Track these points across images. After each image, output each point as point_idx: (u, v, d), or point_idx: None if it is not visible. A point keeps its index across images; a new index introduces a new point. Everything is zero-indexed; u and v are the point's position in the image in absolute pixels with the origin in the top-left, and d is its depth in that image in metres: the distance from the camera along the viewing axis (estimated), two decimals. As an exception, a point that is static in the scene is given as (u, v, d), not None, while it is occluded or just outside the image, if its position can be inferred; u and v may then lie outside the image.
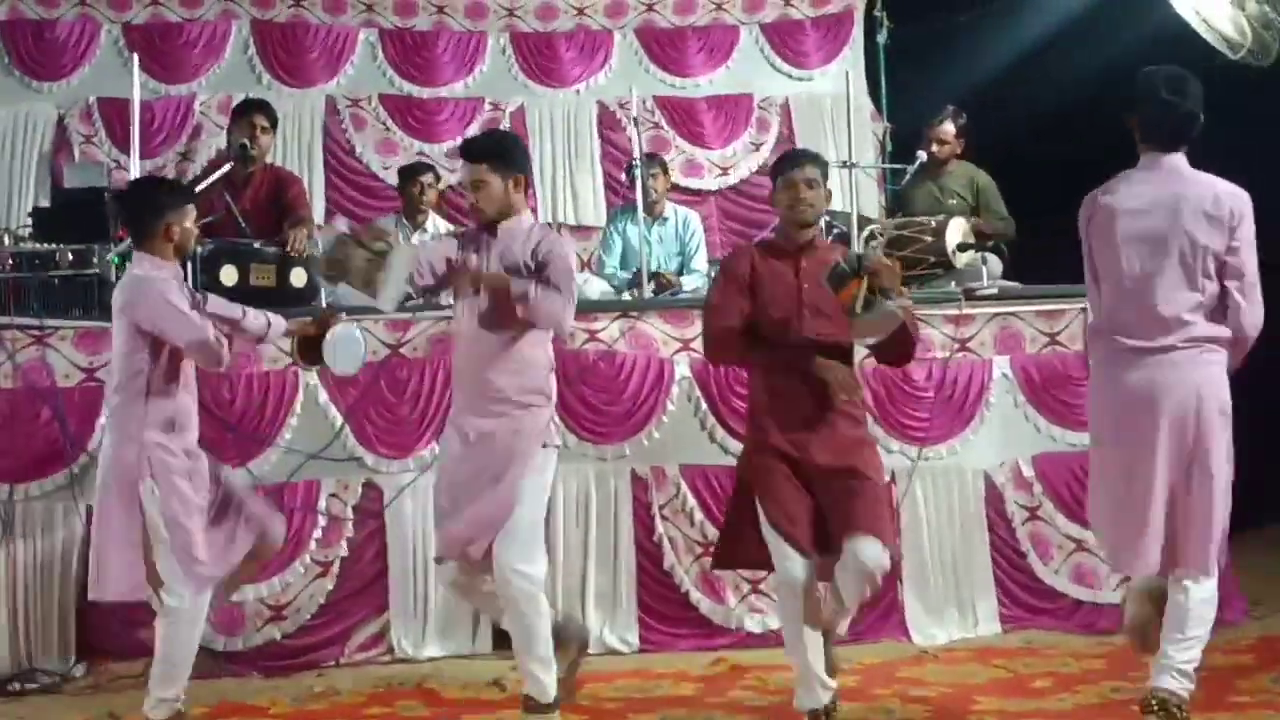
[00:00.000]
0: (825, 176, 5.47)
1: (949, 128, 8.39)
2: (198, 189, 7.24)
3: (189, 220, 5.51)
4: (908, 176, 8.35)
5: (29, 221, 7.39)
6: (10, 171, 9.31)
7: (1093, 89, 9.03)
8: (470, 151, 5.64)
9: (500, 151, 5.60)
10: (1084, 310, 6.99)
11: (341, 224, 5.39)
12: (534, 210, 9.43)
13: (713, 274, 7.11)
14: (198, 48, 9.79)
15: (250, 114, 7.78)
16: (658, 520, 6.86)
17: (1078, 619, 6.97)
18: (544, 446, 5.49)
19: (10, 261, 6.80)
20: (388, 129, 9.81)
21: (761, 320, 5.35)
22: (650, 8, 10.31)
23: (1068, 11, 9.83)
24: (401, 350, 6.81)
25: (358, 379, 6.61)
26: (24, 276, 6.76)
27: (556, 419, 5.72)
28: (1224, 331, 4.88)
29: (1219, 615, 6.98)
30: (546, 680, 5.32)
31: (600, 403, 6.88)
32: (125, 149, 8.52)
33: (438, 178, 8.78)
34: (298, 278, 6.96)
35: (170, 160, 9.44)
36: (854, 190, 7.77)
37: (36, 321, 6.66)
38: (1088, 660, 6.39)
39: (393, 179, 9.25)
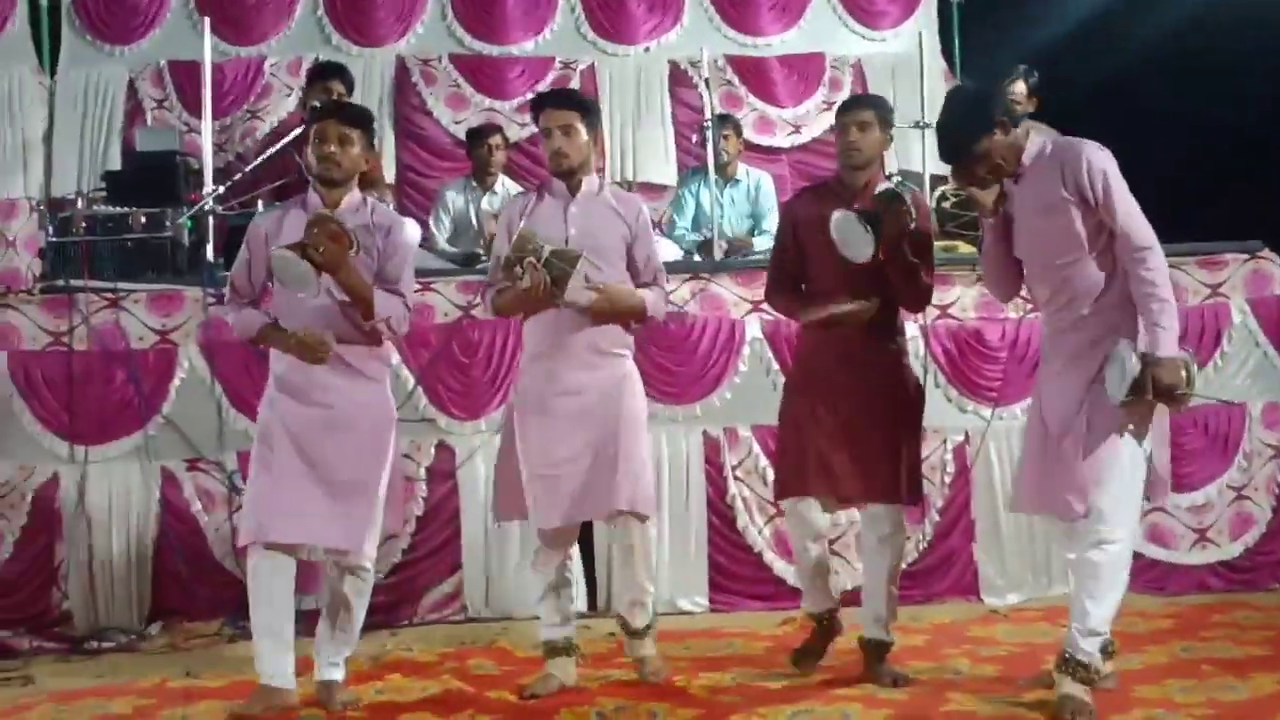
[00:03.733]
0: (885, 122, 5.55)
1: (1020, 87, 8.31)
2: (268, 152, 7.31)
3: (313, 144, 5.44)
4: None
5: (102, 185, 7.45)
6: (83, 135, 9.38)
7: (1171, 45, 8.93)
8: (560, 99, 5.71)
9: (591, 106, 5.70)
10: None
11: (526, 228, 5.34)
12: (602, 170, 9.48)
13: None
14: (267, 9, 9.82)
15: (327, 79, 7.81)
16: (730, 481, 6.86)
17: (1150, 579, 6.90)
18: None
19: (84, 225, 6.88)
20: (458, 85, 9.81)
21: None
22: (722, -33, 10.25)
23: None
24: (473, 312, 6.83)
25: (430, 340, 6.67)
26: (98, 240, 6.83)
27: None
28: None
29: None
30: None
31: (672, 364, 6.88)
32: (195, 111, 8.59)
33: (506, 140, 8.76)
34: (366, 240, 6.97)
35: (239, 120, 9.48)
36: (925, 151, 7.69)
37: (110, 285, 6.74)
38: (1156, 620, 6.36)
39: (462, 134, 9.25)
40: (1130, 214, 4.81)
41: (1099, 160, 4.85)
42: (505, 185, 8.62)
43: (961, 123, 5.01)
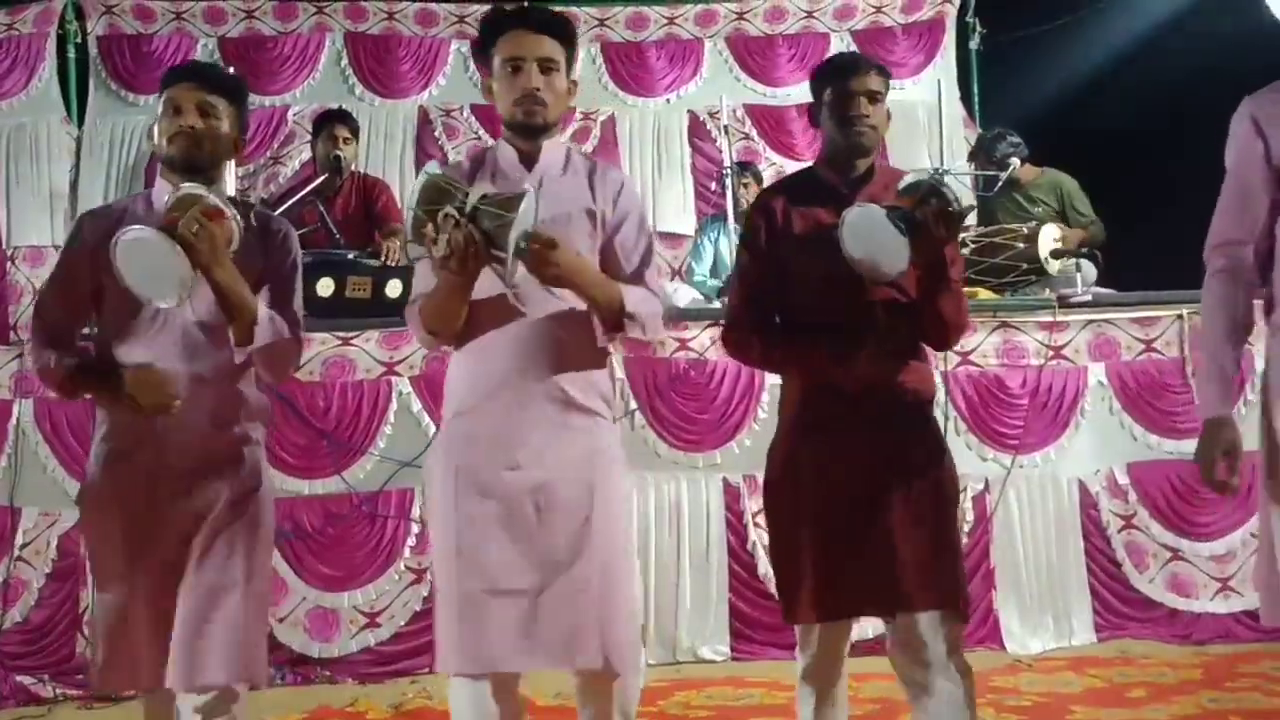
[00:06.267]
0: (887, 91, 4.19)
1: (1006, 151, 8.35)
2: (289, 202, 7.33)
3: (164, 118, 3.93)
4: (999, 185, 8.31)
5: (128, 233, 7.49)
6: (108, 183, 9.47)
7: (1188, 92, 8.94)
8: (544, 20, 3.83)
9: (575, 40, 3.92)
10: (1180, 317, 6.96)
11: (434, 166, 3.57)
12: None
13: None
14: (291, 60, 9.95)
15: (332, 125, 7.85)
16: (750, 528, 6.84)
17: (1173, 628, 6.87)
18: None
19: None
20: (479, 136, 9.88)
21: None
22: (741, 16, 10.35)
23: (1160, 14, 9.75)
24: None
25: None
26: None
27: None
28: None
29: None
30: None
31: (691, 411, 6.88)
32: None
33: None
34: (393, 289, 6.96)
35: (261, 167, 9.59)
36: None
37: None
38: (1184, 670, 6.32)
39: (484, 187, 9.35)
40: None
41: None
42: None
43: None
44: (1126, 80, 9.96)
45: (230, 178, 7.37)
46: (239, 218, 3.72)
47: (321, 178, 7.57)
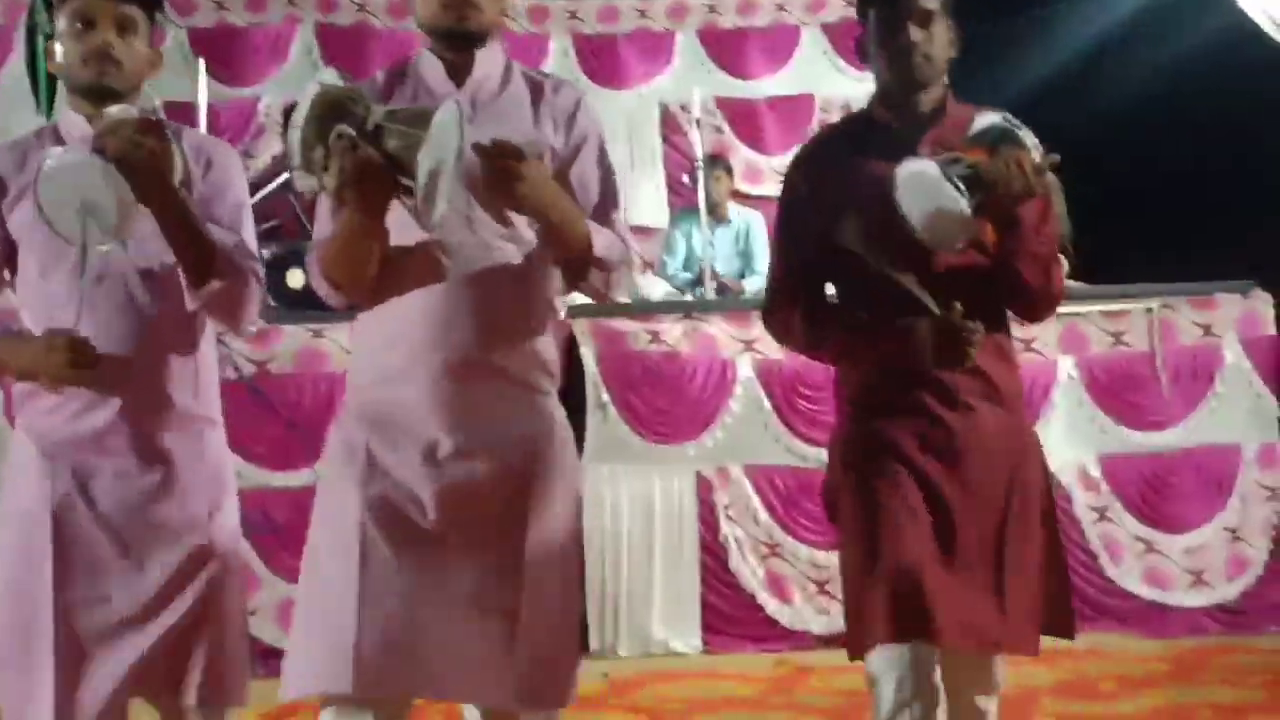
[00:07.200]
0: (948, 9, 3.46)
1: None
2: (260, 194, 7.29)
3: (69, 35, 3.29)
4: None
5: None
6: (78, 175, 9.42)
7: (1157, 89, 8.98)
8: None
9: None
10: (1149, 310, 6.97)
11: (328, 75, 3.00)
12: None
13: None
14: (262, 51, 9.89)
15: None
16: (722, 521, 6.84)
17: (1144, 621, 6.90)
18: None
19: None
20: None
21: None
22: (712, 9, 10.35)
23: (1132, 10, 9.77)
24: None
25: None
26: (93, 279, 6.80)
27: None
28: None
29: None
30: None
31: (664, 404, 6.88)
32: (190, 152, 8.64)
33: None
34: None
35: (231, 161, 9.56)
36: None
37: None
38: (1154, 663, 6.33)
39: (457, 179, 9.34)
40: None
41: None
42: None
43: None
44: (1098, 75, 9.98)
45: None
46: (177, 142, 3.06)
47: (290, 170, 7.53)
